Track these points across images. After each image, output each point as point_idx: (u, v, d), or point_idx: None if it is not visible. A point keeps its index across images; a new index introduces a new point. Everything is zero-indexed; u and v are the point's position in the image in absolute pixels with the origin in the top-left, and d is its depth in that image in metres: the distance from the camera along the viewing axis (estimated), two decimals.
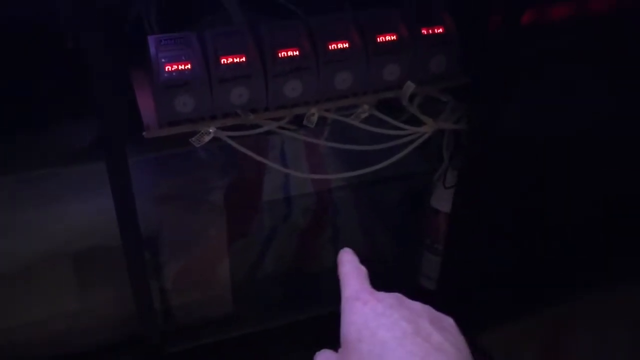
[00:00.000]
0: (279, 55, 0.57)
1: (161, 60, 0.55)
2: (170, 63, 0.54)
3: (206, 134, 0.57)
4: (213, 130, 0.57)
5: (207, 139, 0.57)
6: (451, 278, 0.78)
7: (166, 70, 0.54)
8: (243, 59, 0.56)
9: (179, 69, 0.55)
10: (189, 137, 0.58)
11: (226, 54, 0.56)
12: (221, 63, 0.56)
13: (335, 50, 0.59)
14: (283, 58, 0.57)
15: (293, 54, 0.58)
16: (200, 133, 0.57)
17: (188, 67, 0.55)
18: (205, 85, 0.55)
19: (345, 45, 0.59)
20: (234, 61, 0.56)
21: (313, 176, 0.76)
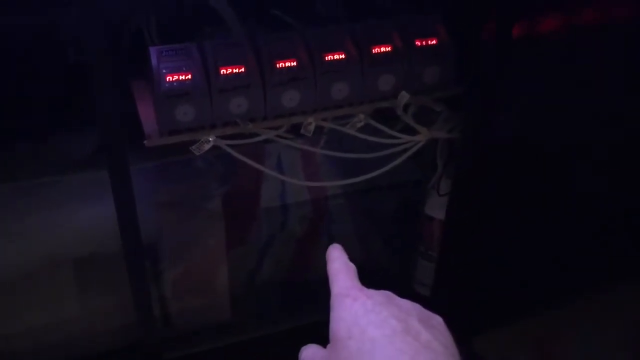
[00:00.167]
0: (277, 66, 0.59)
1: (162, 70, 0.56)
2: (171, 73, 0.56)
3: (206, 143, 0.58)
4: (213, 139, 0.58)
5: (207, 147, 0.58)
6: (445, 284, 0.79)
7: (167, 81, 0.56)
8: (242, 70, 0.58)
9: (180, 79, 0.56)
10: (188, 146, 0.59)
11: (226, 65, 0.57)
12: (221, 73, 0.57)
13: (332, 61, 0.60)
14: (281, 69, 0.59)
15: (291, 64, 0.59)
16: (200, 142, 0.58)
17: (188, 78, 0.56)
18: (205, 95, 0.57)
19: (342, 56, 0.61)
20: (234, 72, 0.58)
21: (310, 184, 0.77)
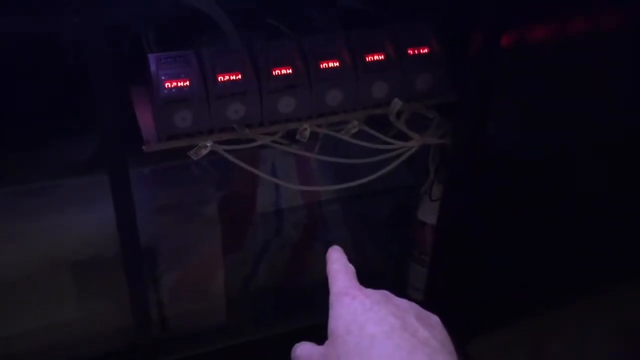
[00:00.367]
0: (274, 73, 0.60)
1: (161, 77, 0.57)
2: (170, 80, 0.57)
3: (204, 148, 0.59)
4: (210, 144, 0.59)
5: (205, 152, 0.59)
6: (438, 288, 0.80)
7: (166, 87, 0.57)
8: (239, 77, 0.59)
9: (178, 85, 0.57)
10: (186, 151, 0.60)
11: (223, 72, 0.59)
12: (218, 80, 0.58)
13: (327, 68, 0.62)
14: (277, 76, 0.60)
15: (287, 72, 0.60)
16: (198, 147, 0.59)
17: (187, 84, 0.57)
18: (203, 101, 0.58)
19: (336, 64, 0.62)
20: (231, 78, 0.59)
21: (305, 188, 0.78)
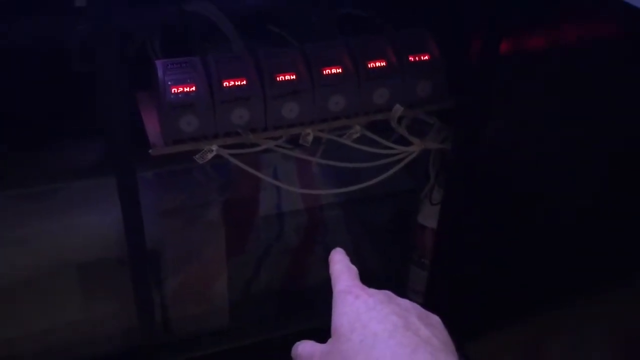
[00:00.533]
0: (277, 79, 0.61)
1: (168, 82, 0.58)
2: (177, 85, 0.58)
3: (209, 152, 0.60)
4: (215, 148, 0.60)
5: (210, 156, 0.60)
6: (438, 291, 0.81)
7: (172, 92, 0.58)
8: (244, 82, 0.60)
9: (185, 90, 0.59)
10: (191, 155, 0.61)
11: (228, 78, 0.60)
12: (223, 86, 0.60)
13: (329, 75, 0.63)
14: (281, 82, 0.61)
15: (290, 78, 0.62)
16: (204, 151, 0.60)
17: (193, 89, 0.59)
18: (208, 106, 0.59)
19: (339, 71, 0.63)
20: (236, 84, 0.60)
21: (308, 191, 0.79)
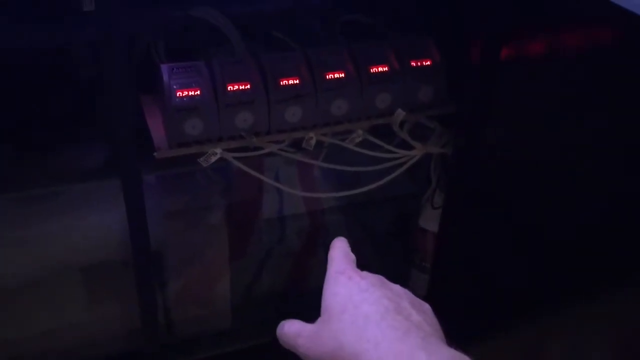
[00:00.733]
0: (281, 84, 0.62)
1: (173, 86, 0.59)
2: (182, 89, 0.59)
3: (213, 155, 0.61)
4: (220, 151, 0.61)
5: (214, 159, 0.61)
6: (439, 294, 0.82)
7: (177, 96, 0.59)
8: (248, 87, 0.61)
9: (190, 94, 0.59)
10: (195, 158, 0.62)
11: (232, 82, 0.61)
12: (228, 90, 0.60)
13: (332, 79, 0.64)
14: (284, 86, 0.62)
15: (293, 82, 0.63)
16: (208, 154, 0.61)
17: (197, 93, 0.60)
18: (213, 109, 0.60)
19: (341, 75, 0.64)
20: (240, 88, 0.61)
21: (311, 195, 0.80)
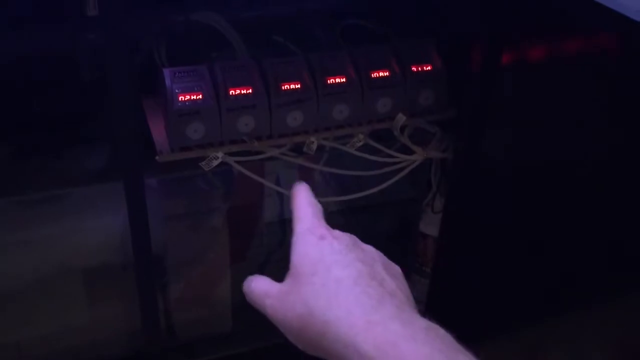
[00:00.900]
0: (282, 88, 0.62)
1: (175, 90, 0.60)
2: (184, 93, 0.60)
3: (215, 159, 0.61)
4: (221, 155, 0.61)
5: (216, 163, 0.61)
6: (439, 299, 0.82)
7: (180, 100, 0.59)
8: (250, 91, 0.61)
9: (192, 98, 0.60)
10: (196, 162, 0.62)
11: (234, 86, 0.61)
12: (230, 94, 0.61)
13: (334, 84, 0.64)
14: (286, 91, 0.63)
15: (295, 87, 0.63)
16: (209, 158, 0.61)
17: (200, 97, 0.60)
18: (214, 114, 0.60)
19: (343, 80, 0.65)
20: (242, 93, 0.61)
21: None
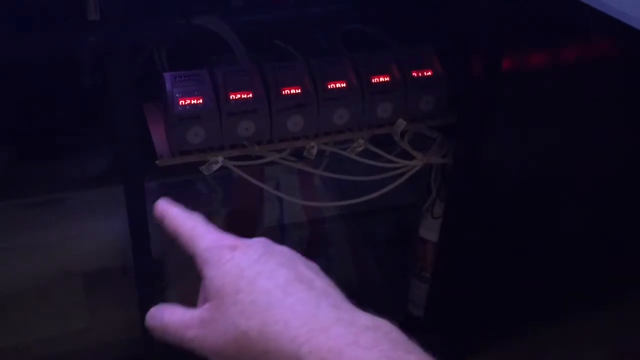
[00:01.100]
0: (283, 93, 0.62)
1: (175, 94, 0.59)
2: (184, 97, 0.59)
3: (215, 163, 0.61)
4: (222, 160, 0.61)
5: (216, 167, 0.61)
6: (438, 305, 0.82)
7: (180, 104, 0.59)
8: (250, 95, 0.61)
9: (192, 103, 0.60)
10: (196, 166, 0.62)
11: (235, 91, 0.61)
12: (230, 99, 0.61)
13: (334, 89, 0.64)
14: (286, 95, 0.62)
15: (295, 91, 0.63)
16: (209, 162, 0.61)
17: (200, 102, 0.60)
18: (215, 118, 0.60)
19: (343, 85, 0.65)
20: (242, 97, 0.61)
21: (311, 204, 0.80)
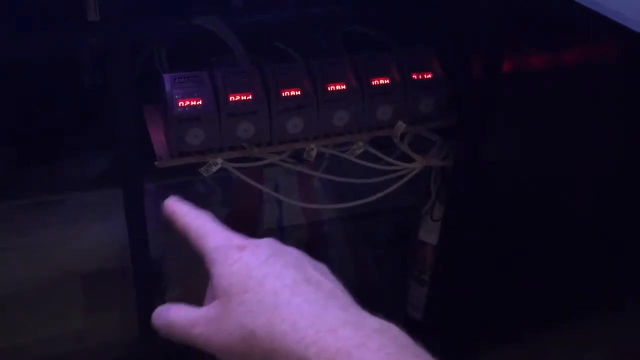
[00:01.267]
0: (283, 95, 0.62)
1: (175, 96, 0.59)
2: (184, 99, 0.59)
3: (214, 165, 0.61)
4: (221, 161, 0.61)
5: (215, 169, 0.61)
6: (437, 307, 0.81)
7: (179, 106, 0.59)
8: (250, 97, 0.61)
9: (191, 104, 0.59)
10: (195, 167, 0.62)
11: (234, 92, 0.61)
12: (230, 100, 0.61)
13: (334, 91, 0.64)
14: (286, 97, 0.62)
15: (295, 93, 0.63)
16: (209, 164, 0.61)
17: (199, 103, 0.60)
18: (214, 120, 0.60)
19: (343, 87, 0.64)
20: (242, 99, 0.61)
21: (310, 206, 0.80)
